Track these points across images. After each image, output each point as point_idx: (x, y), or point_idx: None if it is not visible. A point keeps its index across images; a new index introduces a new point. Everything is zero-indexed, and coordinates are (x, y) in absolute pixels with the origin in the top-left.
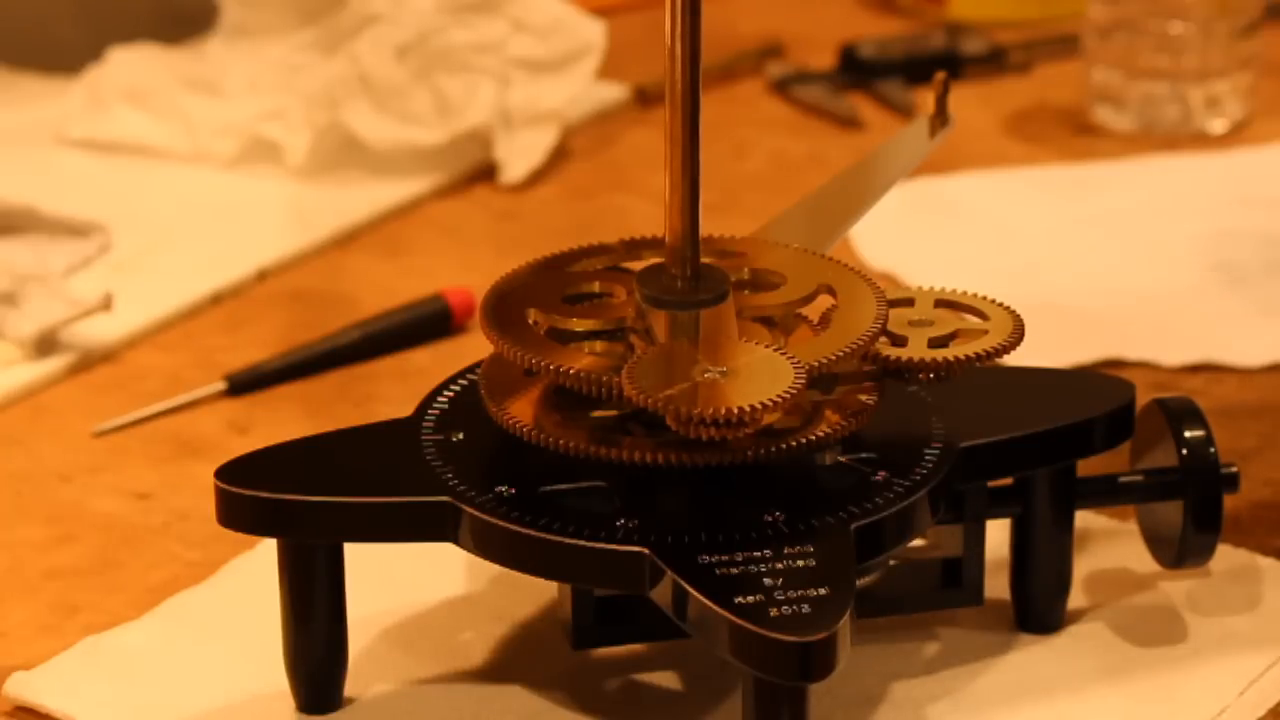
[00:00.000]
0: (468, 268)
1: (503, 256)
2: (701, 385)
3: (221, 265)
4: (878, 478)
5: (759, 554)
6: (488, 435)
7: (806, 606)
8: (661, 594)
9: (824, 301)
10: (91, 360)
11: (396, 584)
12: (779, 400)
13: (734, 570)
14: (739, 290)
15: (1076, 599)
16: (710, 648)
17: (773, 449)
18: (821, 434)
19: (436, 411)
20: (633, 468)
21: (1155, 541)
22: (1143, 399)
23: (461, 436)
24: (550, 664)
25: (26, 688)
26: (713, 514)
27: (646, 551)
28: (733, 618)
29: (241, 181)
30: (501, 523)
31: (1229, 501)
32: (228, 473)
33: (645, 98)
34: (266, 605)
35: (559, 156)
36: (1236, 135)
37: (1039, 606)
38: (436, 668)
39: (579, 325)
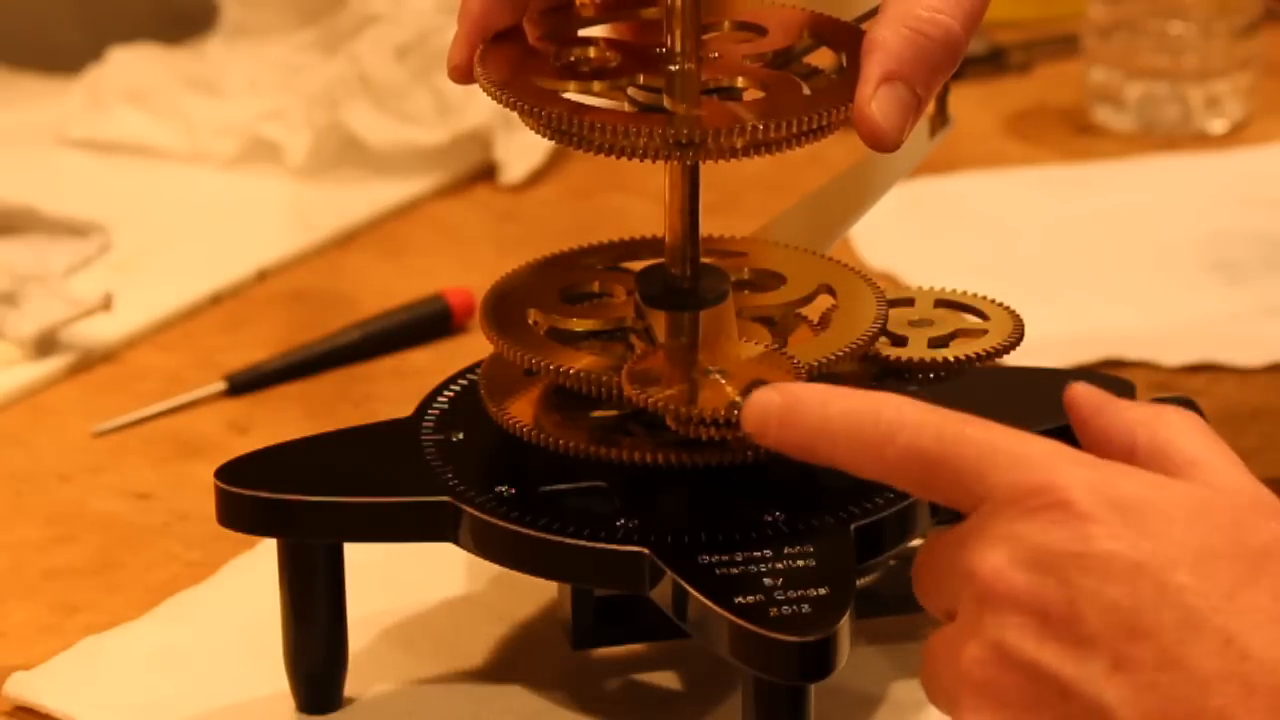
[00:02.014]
0: (468, 268)
1: (503, 256)
2: (701, 385)
3: (221, 265)
4: None
5: (759, 554)
6: (488, 435)
7: (806, 606)
8: (661, 594)
9: (824, 301)
10: (91, 360)
11: (396, 584)
12: None
13: (734, 570)
14: (739, 290)
15: None
16: (710, 648)
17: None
18: None
19: (436, 411)
20: (633, 468)
21: None
22: (1143, 399)
23: (461, 436)
24: (550, 664)
25: (26, 688)
26: (713, 514)
27: (646, 551)
28: (733, 618)
29: (241, 181)
30: (501, 523)
31: None
32: (228, 473)
33: None
34: (266, 605)
35: (559, 156)
36: (1236, 135)
37: None
38: (436, 668)
39: (579, 325)
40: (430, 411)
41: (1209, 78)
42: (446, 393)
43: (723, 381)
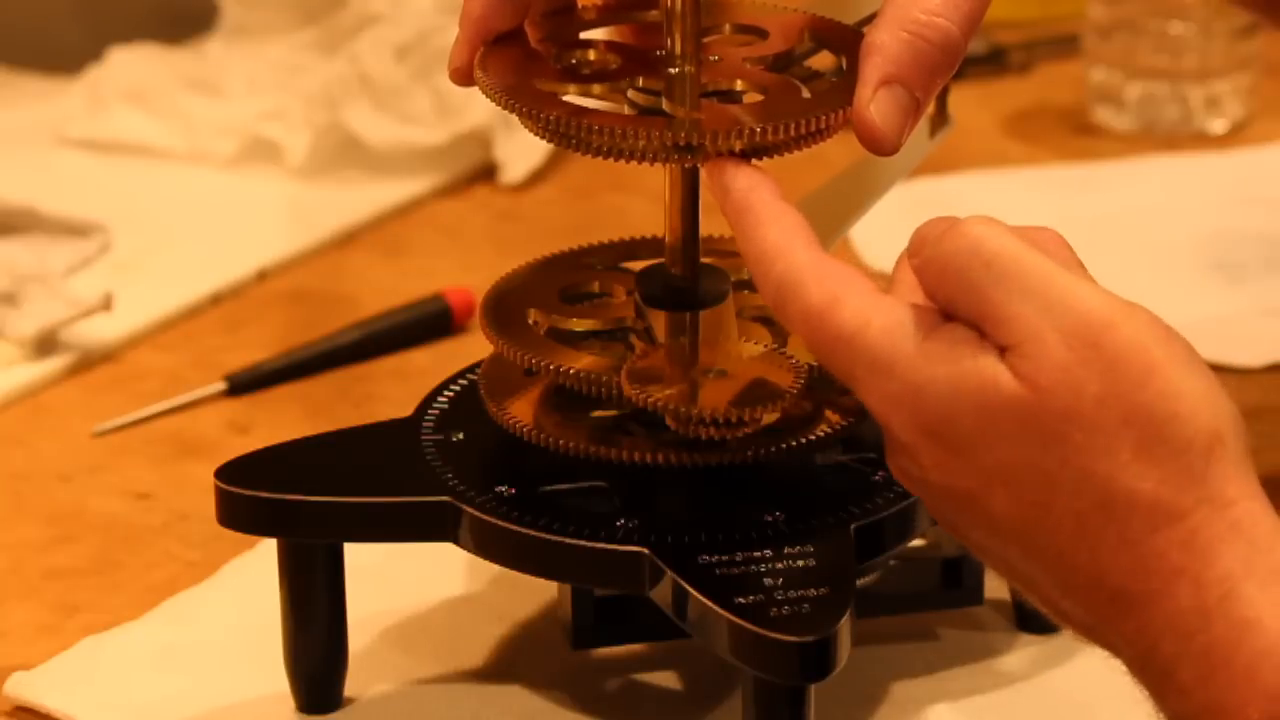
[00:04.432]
0: (468, 268)
1: (503, 256)
2: (701, 385)
3: (221, 265)
4: (878, 478)
5: (759, 554)
6: (488, 435)
7: (806, 606)
8: (661, 594)
9: None
10: (91, 360)
11: (396, 584)
12: (778, 401)
13: (734, 570)
14: (739, 290)
15: None
16: (710, 648)
17: (773, 449)
18: (821, 434)
19: (436, 411)
20: (633, 468)
21: None
22: None
23: (461, 436)
24: (550, 664)
25: (26, 688)
26: (713, 514)
27: (646, 551)
28: (733, 618)
29: (241, 181)
30: (501, 523)
31: None
32: (228, 473)
33: None
34: (266, 605)
35: (559, 156)
36: (1236, 135)
37: None
38: (436, 668)
39: (579, 325)
40: (430, 411)
41: (1209, 78)
42: (446, 393)
43: (723, 381)
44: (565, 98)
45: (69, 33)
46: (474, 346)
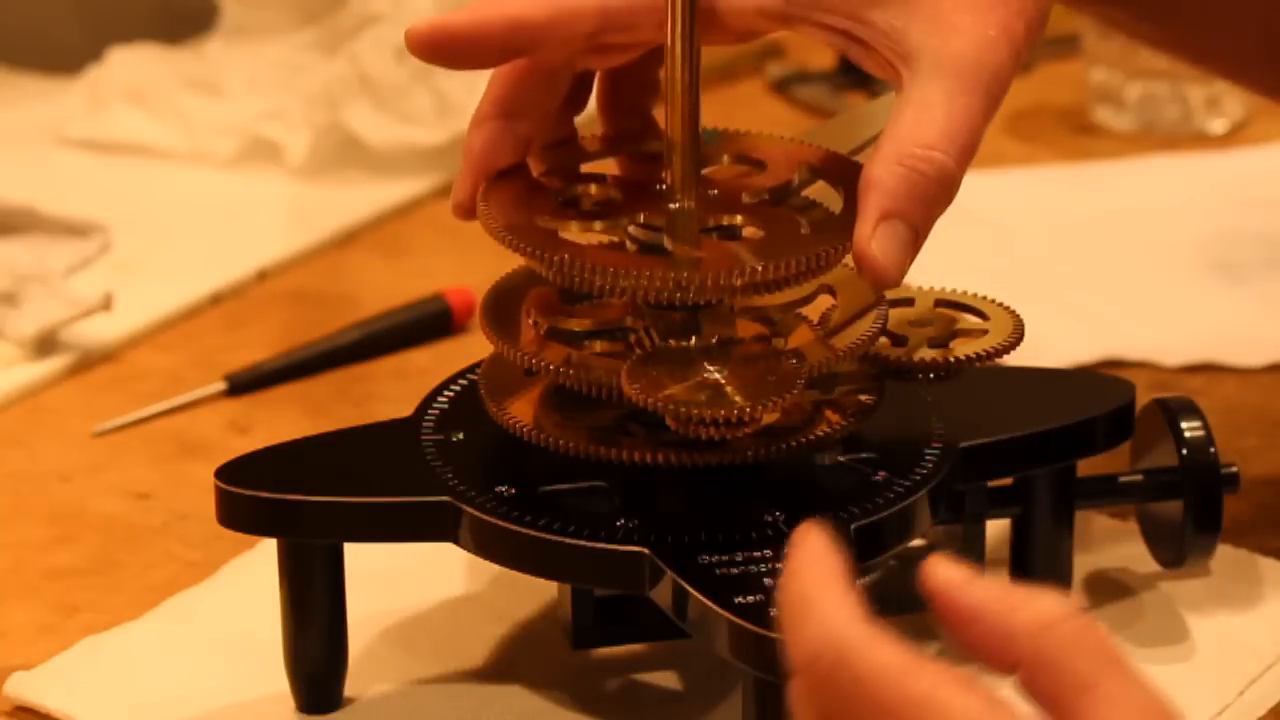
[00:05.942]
0: (468, 268)
1: (503, 256)
2: (701, 385)
3: (221, 265)
4: (878, 478)
5: (759, 554)
6: (488, 435)
7: None
8: (661, 594)
9: (824, 301)
10: (91, 360)
11: (396, 584)
12: (779, 400)
13: (734, 570)
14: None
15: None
16: (710, 648)
17: (773, 449)
18: (821, 434)
19: (436, 411)
20: (632, 468)
21: (1155, 541)
22: (1143, 399)
23: (461, 436)
24: (550, 664)
25: (26, 688)
26: (713, 514)
27: (646, 551)
28: (733, 618)
29: (241, 181)
30: (501, 523)
31: (1229, 501)
32: (228, 473)
33: None
34: (266, 605)
35: None
36: (1236, 135)
37: None
38: (436, 668)
39: (579, 325)
40: (430, 411)
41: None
42: (446, 393)
43: (723, 381)
44: (566, 234)
45: (69, 33)
46: (474, 346)
